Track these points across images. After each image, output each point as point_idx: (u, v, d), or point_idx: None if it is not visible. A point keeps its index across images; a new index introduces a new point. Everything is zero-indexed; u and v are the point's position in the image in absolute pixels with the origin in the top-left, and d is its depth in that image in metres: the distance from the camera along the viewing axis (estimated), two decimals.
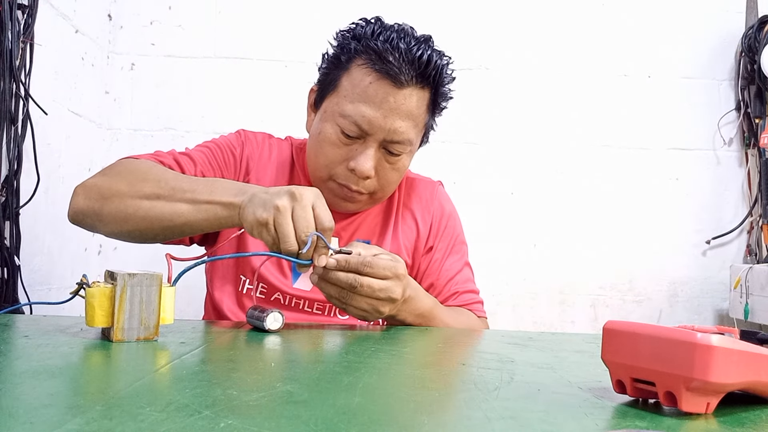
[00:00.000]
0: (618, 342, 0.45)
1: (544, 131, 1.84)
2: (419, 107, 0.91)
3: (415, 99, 0.90)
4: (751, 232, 1.85)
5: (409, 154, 0.95)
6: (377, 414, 0.42)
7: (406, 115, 0.89)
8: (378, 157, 0.92)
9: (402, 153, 0.93)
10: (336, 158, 0.93)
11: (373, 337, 0.79)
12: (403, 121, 0.89)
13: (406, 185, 1.07)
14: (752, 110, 1.83)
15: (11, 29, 1.15)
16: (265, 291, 0.97)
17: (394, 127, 0.89)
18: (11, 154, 1.17)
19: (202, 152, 0.98)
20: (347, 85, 0.91)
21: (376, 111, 0.88)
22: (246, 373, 0.52)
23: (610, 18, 1.86)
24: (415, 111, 0.91)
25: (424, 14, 1.83)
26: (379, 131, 0.89)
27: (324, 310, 0.98)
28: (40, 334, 0.66)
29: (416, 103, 0.90)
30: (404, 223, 1.05)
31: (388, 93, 0.88)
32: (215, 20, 1.79)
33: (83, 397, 0.42)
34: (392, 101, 0.88)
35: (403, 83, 0.88)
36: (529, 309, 1.83)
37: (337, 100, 0.92)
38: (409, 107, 0.89)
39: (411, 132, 0.91)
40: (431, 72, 0.90)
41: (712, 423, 0.42)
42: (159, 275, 0.66)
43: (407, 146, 0.92)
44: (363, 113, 0.88)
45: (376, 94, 0.88)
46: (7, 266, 1.17)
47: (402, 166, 0.95)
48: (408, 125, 0.90)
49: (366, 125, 0.89)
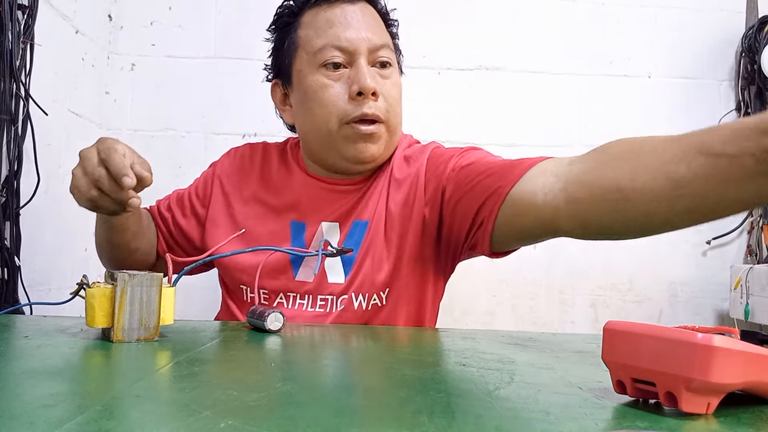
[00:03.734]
0: (618, 342, 0.45)
1: (544, 131, 1.84)
2: (376, 16, 0.95)
3: (371, 10, 0.95)
4: (751, 232, 1.85)
5: (395, 68, 0.96)
6: (377, 414, 0.42)
7: (374, 23, 0.93)
8: (372, 73, 0.91)
9: (390, 62, 0.94)
10: (337, 97, 0.90)
11: (373, 337, 0.79)
12: (373, 29, 0.92)
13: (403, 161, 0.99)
14: (752, 110, 1.82)
15: (11, 29, 1.15)
16: (267, 296, 0.95)
17: (369, 35, 0.91)
18: (11, 154, 1.17)
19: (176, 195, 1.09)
20: (306, 33, 0.93)
21: (347, 28, 0.90)
22: (246, 373, 0.52)
23: (610, 18, 1.86)
24: (378, 20, 0.95)
25: (424, 14, 1.83)
26: (360, 43, 0.90)
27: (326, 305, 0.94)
28: (40, 335, 0.66)
29: (374, 13, 0.95)
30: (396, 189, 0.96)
31: (346, 10, 0.91)
32: (215, 20, 1.79)
33: (83, 397, 0.42)
34: (353, 14, 0.91)
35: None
36: (529, 309, 1.83)
37: (305, 50, 0.93)
38: (371, 14, 0.94)
39: (385, 36, 0.94)
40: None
41: (712, 423, 0.42)
42: (159, 275, 0.66)
43: (390, 53, 0.94)
44: (337, 35, 0.90)
45: (337, 15, 0.91)
46: (7, 266, 1.17)
47: (396, 80, 0.95)
48: (379, 31, 0.93)
49: (345, 42, 0.90)
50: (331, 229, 0.96)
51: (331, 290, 0.93)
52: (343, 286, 0.93)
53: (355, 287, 0.93)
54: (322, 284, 0.94)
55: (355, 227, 0.95)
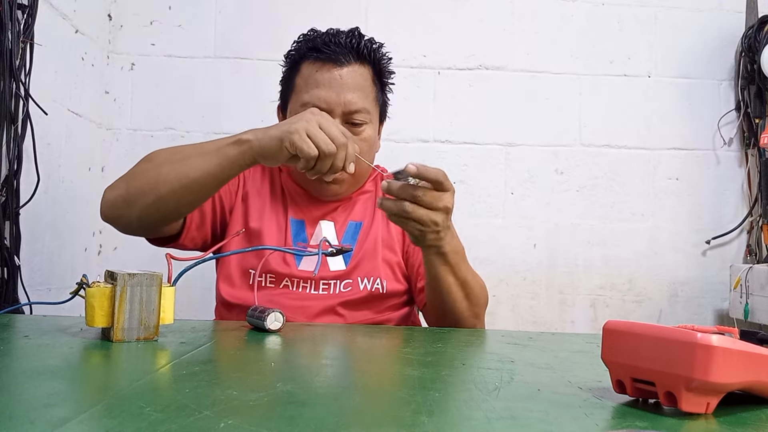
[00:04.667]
0: (618, 342, 0.45)
1: (544, 131, 1.84)
2: (364, 80, 1.05)
3: (358, 73, 1.04)
4: (751, 232, 1.85)
5: (370, 125, 1.05)
6: (377, 414, 0.42)
7: (354, 87, 1.03)
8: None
9: (364, 123, 1.04)
10: None
11: (373, 337, 0.79)
12: (353, 93, 1.02)
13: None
14: (752, 110, 1.82)
15: (11, 29, 1.15)
16: (274, 279, 1.02)
17: (347, 98, 1.01)
18: (11, 154, 1.17)
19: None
20: (301, 82, 1.04)
21: (329, 90, 1.01)
22: (246, 373, 0.52)
23: (610, 18, 1.86)
24: (362, 83, 1.04)
25: (424, 14, 1.83)
26: (336, 106, 1.01)
27: (330, 288, 1.02)
28: (40, 334, 0.66)
29: (360, 76, 1.04)
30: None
31: (333, 73, 1.02)
32: (215, 20, 1.79)
33: (83, 397, 0.42)
34: (339, 78, 1.02)
35: (343, 62, 1.03)
36: (529, 309, 1.83)
37: (296, 97, 1.05)
38: (355, 80, 1.03)
39: (364, 101, 1.04)
40: (364, 50, 1.05)
41: (712, 423, 0.42)
42: (159, 275, 0.66)
43: (365, 114, 1.04)
44: (318, 96, 1.01)
45: (324, 77, 1.02)
46: (7, 266, 1.17)
47: (368, 136, 1.05)
48: (359, 96, 1.03)
49: (323, 104, 1.00)
50: (328, 227, 1.07)
51: (334, 275, 1.03)
52: (345, 272, 1.03)
53: (356, 273, 1.03)
54: (323, 271, 1.03)
55: (350, 227, 1.08)
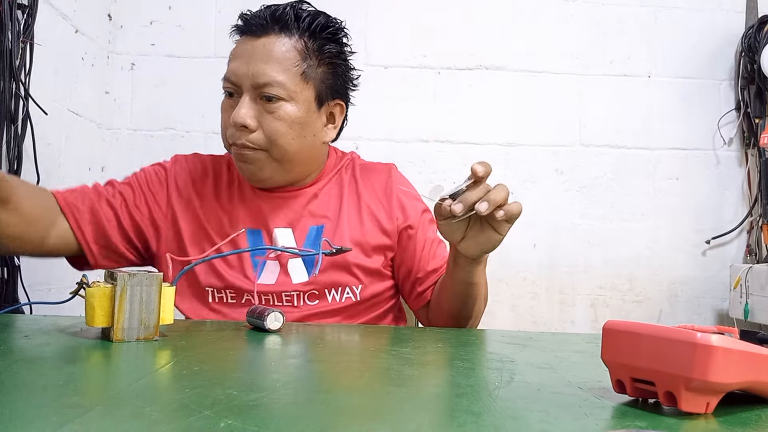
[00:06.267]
0: (618, 342, 0.45)
1: (544, 131, 1.84)
2: (284, 51, 0.96)
3: (276, 44, 0.96)
4: (751, 231, 1.85)
5: (291, 103, 0.96)
6: (377, 414, 0.42)
7: (267, 59, 0.94)
8: (256, 107, 0.95)
9: (278, 98, 0.94)
10: (226, 121, 0.98)
11: (372, 337, 0.79)
12: (265, 64, 0.94)
13: (360, 170, 1.08)
14: (752, 110, 1.83)
15: (11, 29, 1.15)
16: (234, 295, 0.98)
17: (256, 70, 0.94)
18: (11, 153, 1.17)
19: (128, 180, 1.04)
20: (229, 58, 1.00)
21: (240, 62, 0.96)
22: (246, 373, 0.52)
23: (610, 18, 1.87)
24: (279, 55, 0.95)
25: (424, 14, 1.83)
26: (245, 78, 0.94)
27: (293, 300, 0.98)
28: (40, 334, 0.66)
29: (278, 47, 0.95)
30: (367, 203, 1.05)
31: (247, 44, 0.96)
32: (215, 20, 1.79)
33: (83, 397, 0.42)
34: (251, 49, 0.96)
35: (259, 34, 0.96)
36: (529, 309, 1.83)
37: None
38: (271, 51, 0.95)
39: (278, 74, 0.94)
40: (288, 19, 0.96)
41: (712, 423, 0.42)
42: (159, 275, 0.66)
43: (278, 89, 0.94)
44: (231, 68, 0.97)
45: (239, 49, 0.97)
46: (7, 266, 1.17)
47: (284, 114, 0.95)
48: (273, 68, 0.94)
49: (233, 77, 0.96)
50: (284, 234, 1.01)
51: (296, 288, 0.98)
52: (307, 283, 0.98)
53: (322, 284, 0.98)
54: (285, 284, 0.98)
55: (311, 232, 1.02)
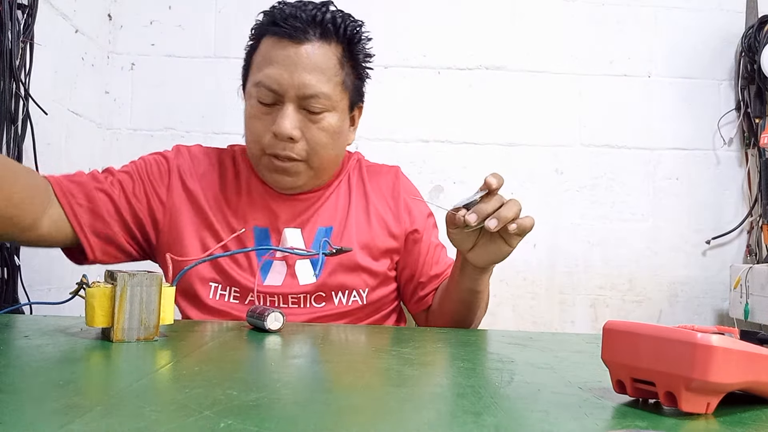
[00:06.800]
0: (618, 342, 0.45)
1: (544, 131, 1.84)
2: (327, 60, 0.93)
3: (319, 53, 0.92)
4: (751, 232, 1.85)
5: (333, 113, 0.94)
6: (377, 414, 0.42)
7: (312, 68, 0.91)
8: (300, 118, 0.92)
9: (323, 110, 0.93)
10: (261, 129, 0.94)
11: (373, 336, 0.79)
12: (310, 74, 0.91)
13: (367, 171, 1.07)
14: (752, 110, 1.82)
15: (11, 29, 1.15)
16: (238, 294, 0.96)
17: (302, 81, 0.90)
18: (11, 153, 1.17)
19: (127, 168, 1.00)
20: (257, 59, 0.95)
21: (282, 69, 0.90)
22: (246, 373, 0.52)
23: (610, 18, 1.86)
24: (322, 64, 0.92)
25: (424, 14, 1.83)
26: (290, 88, 0.91)
27: (299, 302, 0.97)
28: (40, 334, 0.66)
29: (321, 56, 0.92)
30: (375, 206, 1.04)
31: (289, 51, 0.91)
32: (215, 20, 1.79)
33: (83, 397, 0.42)
34: (294, 57, 0.91)
35: (301, 39, 0.91)
36: (529, 309, 1.83)
37: (252, 77, 0.95)
38: (314, 60, 0.91)
39: (323, 85, 0.92)
40: (329, 25, 0.92)
41: (712, 423, 0.42)
42: (159, 275, 0.66)
43: (324, 100, 0.92)
44: (270, 75, 0.91)
45: (278, 54, 0.91)
46: (7, 266, 1.17)
47: (328, 125, 0.94)
48: (317, 78, 0.91)
49: (275, 85, 0.91)
50: (294, 234, 0.99)
51: (303, 290, 0.97)
52: (315, 286, 0.97)
53: (329, 287, 0.97)
54: (291, 286, 0.96)
55: (320, 233, 1.00)
